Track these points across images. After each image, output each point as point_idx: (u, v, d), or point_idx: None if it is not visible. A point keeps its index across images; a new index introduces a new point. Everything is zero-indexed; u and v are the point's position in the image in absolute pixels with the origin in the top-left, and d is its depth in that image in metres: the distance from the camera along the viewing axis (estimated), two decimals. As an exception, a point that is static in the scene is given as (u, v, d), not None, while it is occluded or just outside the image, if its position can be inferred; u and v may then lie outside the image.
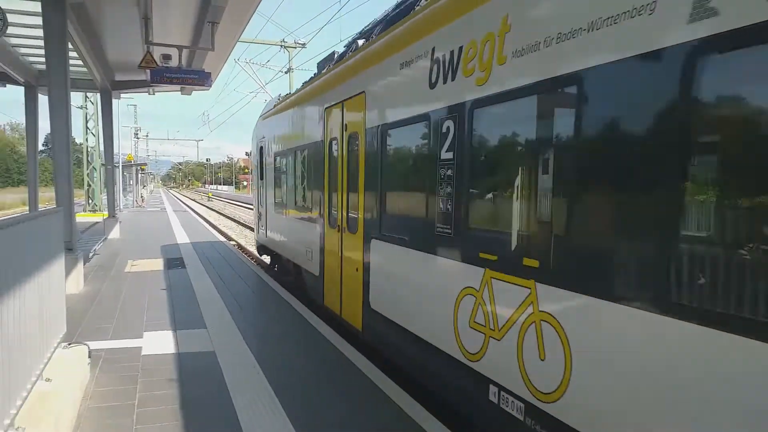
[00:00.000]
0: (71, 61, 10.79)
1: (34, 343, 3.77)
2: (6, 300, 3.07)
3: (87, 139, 31.30)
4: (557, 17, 3.23)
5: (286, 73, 29.38)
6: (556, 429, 3.19)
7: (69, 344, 4.98)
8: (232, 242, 18.50)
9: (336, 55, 8.50)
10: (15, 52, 14.08)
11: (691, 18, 2.41)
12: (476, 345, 3.95)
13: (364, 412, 4.32)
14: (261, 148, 12.43)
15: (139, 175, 44.83)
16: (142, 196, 46.71)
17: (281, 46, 28.01)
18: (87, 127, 30.83)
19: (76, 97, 27.75)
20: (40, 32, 9.58)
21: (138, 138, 58.73)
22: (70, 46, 10.36)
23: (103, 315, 7.41)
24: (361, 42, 7.15)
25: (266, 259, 13.22)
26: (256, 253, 14.43)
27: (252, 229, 18.88)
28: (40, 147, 26.69)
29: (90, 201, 31.31)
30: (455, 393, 4.33)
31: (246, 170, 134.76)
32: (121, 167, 32.61)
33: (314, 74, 9.42)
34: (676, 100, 2.52)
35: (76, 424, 4.05)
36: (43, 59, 13.45)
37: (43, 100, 16.38)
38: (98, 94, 20.92)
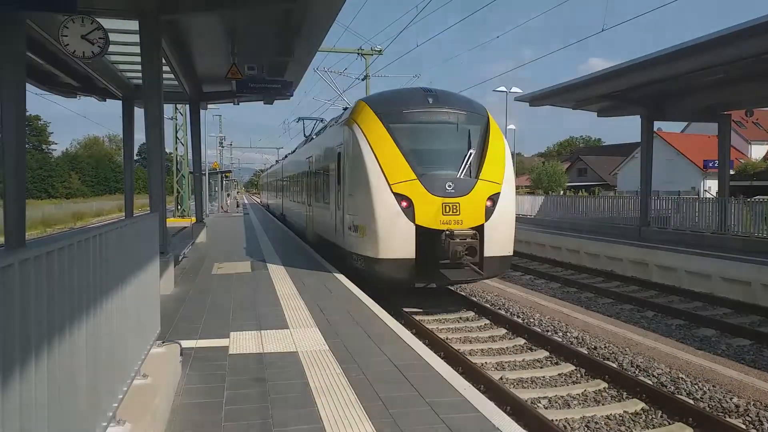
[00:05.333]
0: (164, 75, 11.43)
1: (134, 340, 3.99)
2: (112, 298, 3.27)
3: (176, 149, 33.07)
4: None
5: (362, 80, 29.76)
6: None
7: (163, 342, 5.23)
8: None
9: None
10: (114, 69, 15.08)
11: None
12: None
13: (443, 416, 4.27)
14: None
15: (224, 182, 46.90)
16: (237, 202, 49.91)
17: (358, 53, 28.41)
18: (177, 137, 32.57)
19: (167, 109, 29.36)
20: (136, 49, 10.22)
21: (223, 147, 61.41)
22: (163, 60, 10.97)
23: (192, 315, 7.77)
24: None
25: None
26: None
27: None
28: (135, 157, 28.66)
29: (179, 207, 33.03)
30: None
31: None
32: (207, 174, 34.18)
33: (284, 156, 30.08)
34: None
35: (170, 419, 4.26)
36: (138, 74, 14.34)
37: (138, 113, 17.48)
38: (187, 106, 22.08)
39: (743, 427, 5.83)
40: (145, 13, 9.22)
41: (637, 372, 7.49)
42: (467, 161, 10.41)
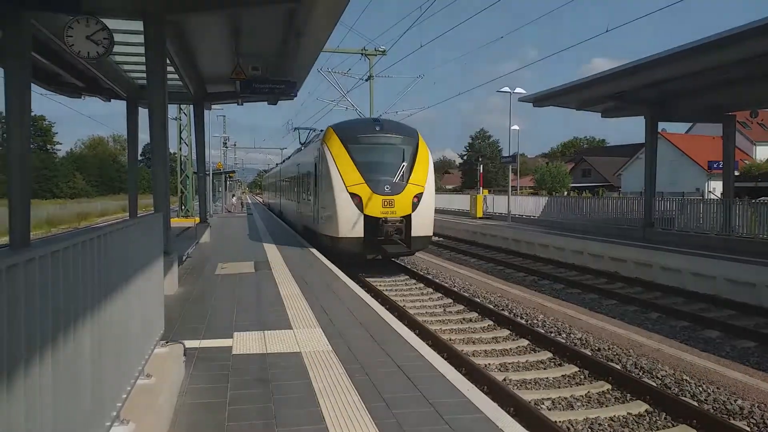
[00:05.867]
0: (168, 75, 11.46)
1: (138, 340, 4.00)
2: (116, 298, 3.28)
3: (180, 149, 33.14)
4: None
5: (366, 80, 29.78)
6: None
7: (166, 342, 5.25)
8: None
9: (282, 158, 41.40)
10: (119, 69, 15.13)
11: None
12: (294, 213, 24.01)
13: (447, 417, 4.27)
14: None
15: (228, 182, 47.04)
16: (242, 202, 52.47)
17: (362, 54, 28.42)
18: (181, 137, 32.64)
19: (171, 109, 29.40)
20: (141, 49, 10.25)
21: (227, 147, 61.49)
22: (167, 61, 10.99)
23: (195, 315, 7.79)
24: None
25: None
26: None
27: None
28: (139, 157, 28.99)
29: (183, 207, 33.10)
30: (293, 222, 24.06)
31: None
32: (211, 175, 34.24)
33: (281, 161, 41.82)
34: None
35: (173, 419, 4.26)
36: (142, 74, 14.38)
37: (142, 113, 17.53)
38: (191, 106, 22.13)
39: (748, 429, 5.81)
40: (150, 13, 9.24)
41: (641, 374, 7.46)
42: (401, 171, 14.68)
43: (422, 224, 14.58)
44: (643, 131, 20.63)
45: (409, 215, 14.29)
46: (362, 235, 14.07)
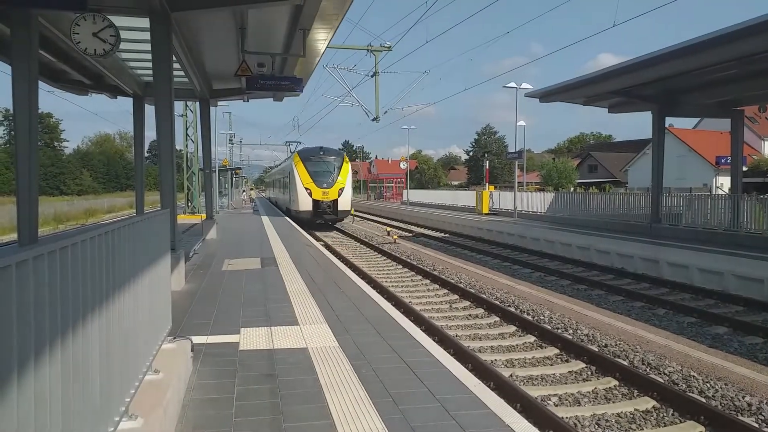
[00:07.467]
0: (174, 72, 11.47)
1: (146, 336, 4.01)
2: (124, 294, 3.30)
3: (186, 146, 33.20)
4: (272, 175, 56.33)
5: (372, 76, 29.73)
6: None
7: (174, 338, 5.26)
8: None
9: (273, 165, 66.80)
10: (125, 66, 15.17)
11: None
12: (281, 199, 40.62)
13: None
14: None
15: (234, 179, 47.35)
16: (251, 198, 63.16)
17: (368, 50, 28.35)
18: (187, 134, 32.69)
19: (177, 106, 29.45)
20: (147, 46, 10.26)
21: (232, 144, 61.58)
22: (173, 57, 11.00)
23: (203, 311, 7.81)
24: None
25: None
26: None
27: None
28: (145, 154, 29.28)
29: (189, 204, 33.19)
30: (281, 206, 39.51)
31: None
32: (217, 172, 34.30)
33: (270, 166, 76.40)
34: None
35: (181, 414, 4.28)
36: (149, 71, 14.40)
37: (149, 110, 17.56)
38: (197, 103, 22.17)
39: (756, 425, 5.78)
40: (156, 10, 9.26)
41: (648, 370, 7.44)
42: (332, 176, 27.95)
43: (344, 204, 28.02)
44: (650, 126, 20.52)
45: (336, 199, 27.57)
46: (311, 209, 27.25)
